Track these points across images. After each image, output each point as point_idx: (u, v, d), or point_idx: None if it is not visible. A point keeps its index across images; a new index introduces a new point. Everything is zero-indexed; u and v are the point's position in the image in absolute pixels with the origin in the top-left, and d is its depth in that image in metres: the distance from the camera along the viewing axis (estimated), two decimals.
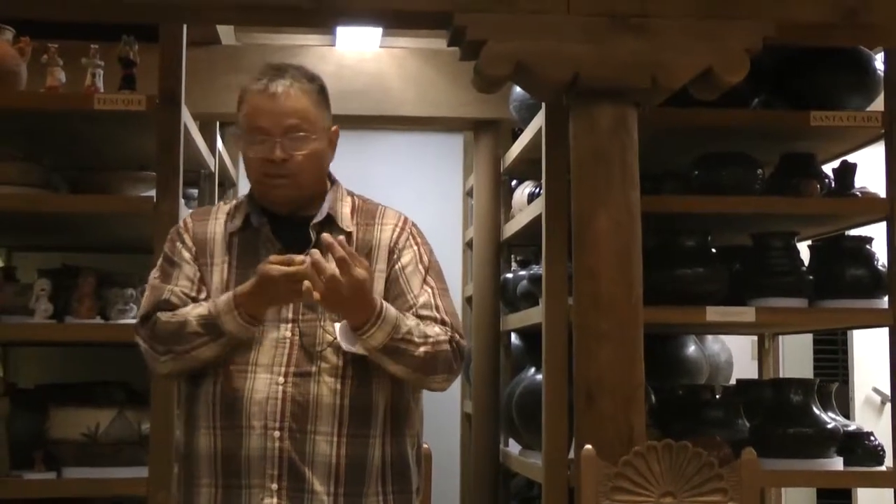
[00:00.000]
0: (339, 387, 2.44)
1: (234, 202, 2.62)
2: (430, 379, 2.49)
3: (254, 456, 2.39)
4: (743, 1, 2.93)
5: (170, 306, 2.48)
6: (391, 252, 2.55)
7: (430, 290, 2.54)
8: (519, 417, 4.01)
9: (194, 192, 4.30)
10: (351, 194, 2.62)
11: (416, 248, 2.57)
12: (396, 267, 2.53)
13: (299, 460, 2.39)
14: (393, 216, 2.61)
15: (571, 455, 3.23)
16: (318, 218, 2.53)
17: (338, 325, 2.43)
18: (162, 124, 3.39)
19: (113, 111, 3.34)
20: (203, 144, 4.03)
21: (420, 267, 2.55)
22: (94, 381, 3.88)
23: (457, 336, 2.51)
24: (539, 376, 3.74)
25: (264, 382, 2.42)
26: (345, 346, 2.42)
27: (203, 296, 2.51)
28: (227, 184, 4.90)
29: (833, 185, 3.83)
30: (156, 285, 2.54)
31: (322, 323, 2.46)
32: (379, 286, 2.50)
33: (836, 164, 3.87)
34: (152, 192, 3.44)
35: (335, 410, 2.43)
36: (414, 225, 2.63)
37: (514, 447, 4.39)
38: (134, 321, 3.16)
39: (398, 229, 2.58)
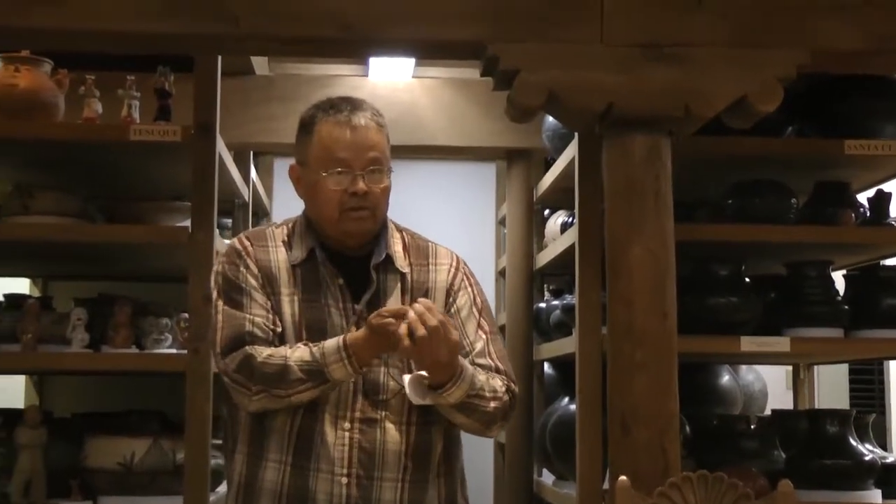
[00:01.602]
0: (404, 433, 2.45)
1: (286, 230, 2.59)
2: (490, 430, 2.51)
3: (321, 499, 2.40)
4: (777, 29, 2.92)
5: (255, 339, 2.44)
6: (448, 294, 2.55)
7: (484, 337, 2.55)
8: (553, 447, 3.99)
9: (228, 221, 4.32)
10: (400, 230, 2.62)
11: (469, 289, 2.58)
12: (452, 310, 2.54)
13: None
14: (446, 255, 2.62)
15: (606, 485, 3.21)
16: (379, 258, 2.53)
17: (406, 378, 2.43)
18: (197, 154, 3.41)
19: (148, 142, 3.37)
20: (237, 174, 4.05)
21: (475, 310, 2.57)
22: (130, 410, 3.90)
23: (512, 385, 2.53)
24: (572, 406, 3.72)
25: (331, 427, 2.42)
26: (415, 400, 2.41)
27: (279, 329, 2.46)
28: (260, 213, 4.93)
29: (868, 214, 3.80)
30: (231, 314, 2.47)
31: (387, 369, 2.46)
32: None
33: (871, 192, 3.85)
34: (187, 222, 3.47)
35: (400, 457, 2.44)
36: (465, 264, 2.64)
37: (547, 477, 4.37)
38: (170, 350, 3.19)
39: (452, 270, 2.59)
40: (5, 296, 3.78)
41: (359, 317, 2.48)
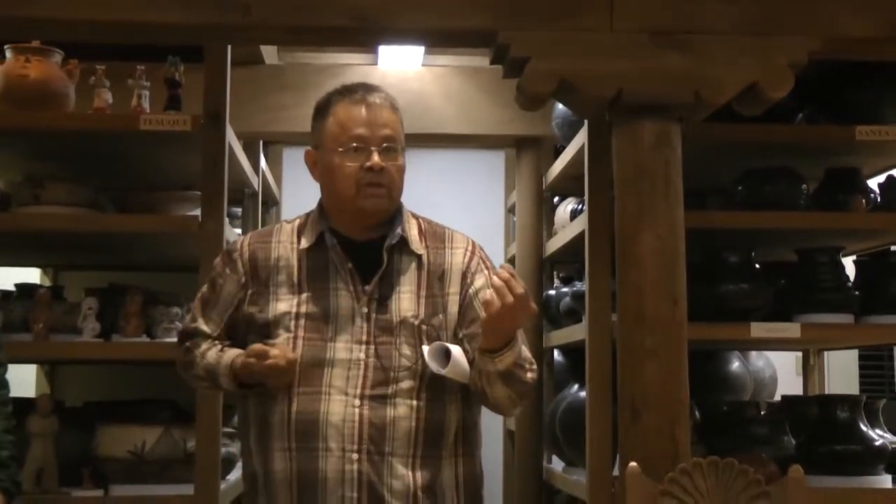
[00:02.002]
0: (414, 409, 2.46)
1: (297, 223, 2.63)
2: (519, 405, 2.56)
3: (332, 478, 2.40)
4: (787, 16, 2.91)
5: (198, 334, 2.61)
6: (464, 276, 2.57)
7: None
8: (562, 434, 4.00)
9: (238, 210, 4.33)
10: (414, 216, 2.64)
11: (486, 272, 2.60)
12: (470, 291, 2.56)
13: (378, 482, 2.41)
14: (461, 240, 2.64)
15: (615, 472, 3.22)
16: (393, 240, 2.55)
17: (426, 348, 2.45)
18: (207, 144, 3.41)
19: (158, 131, 3.37)
20: (247, 163, 4.05)
21: None
22: (141, 399, 3.91)
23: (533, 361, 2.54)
24: (582, 393, 3.73)
25: (340, 405, 2.43)
26: (434, 368, 2.43)
27: (225, 340, 2.61)
28: (270, 202, 4.93)
29: (879, 199, 3.80)
30: (196, 306, 2.66)
31: (397, 346, 2.47)
32: (453, 308, 2.54)
33: (881, 178, 3.84)
34: (197, 212, 3.47)
35: (411, 433, 2.45)
36: (481, 248, 2.66)
37: (557, 464, 4.37)
38: None
39: (468, 253, 2.61)
40: (17, 285, 3.79)
41: (369, 297, 2.50)
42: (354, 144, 2.49)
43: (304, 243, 2.56)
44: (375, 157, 2.49)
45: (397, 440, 2.44)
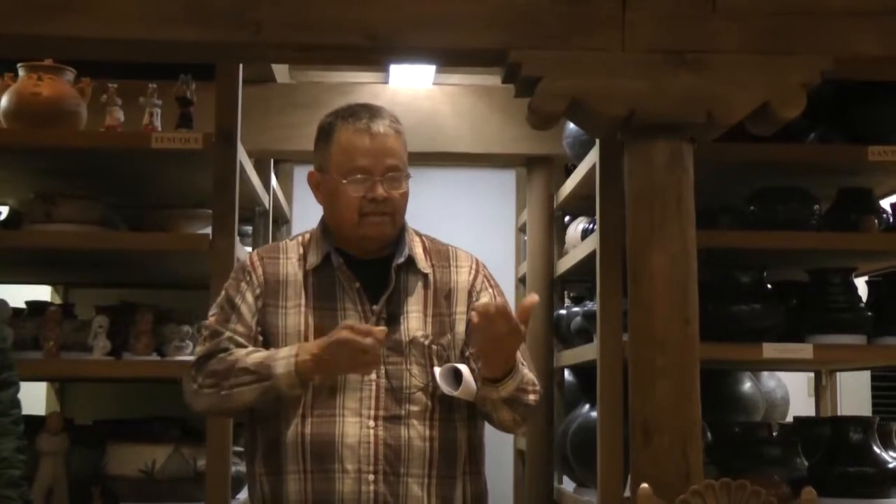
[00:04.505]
0: (428, 429, 2.47)
1: (300, 239, 2.63)
2: (523, 425, 2.57)
3: (348, 499, 2.40)
4: (800, 35, 2.91)
5: (230, 345, 2.50)
6: (469, 295, 2.57)
7: None
8: (573, 454, 3.98)
9: (249, 229, 4.33)
10: (417, 233, 2.64)
11: (490, 290, 2.61)
12: None
13: (393, 503, 2.40)
14: (466, 258, 2.64)
15: (627, 493, 3.20)
16: (401, 259, 2.54)
17: (437, 370, 2.46)
18: (218, 162, 3.42)
19: (170, 149, 3.38)
20: (258, 182, 4.06)
21: None
22: (151, 417, 3.91)
23: (537, 380, 2.54)
24: (593, 413, 3.72)
25: (354, 426, 2.43)
26: (446, 390, 2.44)
27: (260, 343, 2.51)
28: (280, 220, 4.93)
29: (891, 220, 3.78)
30: (214, 329, 2.53)
31: (408, 366, 2.47)
32: (460, 327, 2.54)
33: (894, 198, 3.83)
34: (208, 230, 3.47)
35: (425, 453, 2.45)
36: (484, 266, 2.66)
37: (568, 484, 4.36)
38: (192, 358, 3.18)
39: (473, 271, 2.62)
40: (27, 303, 3.79)
41: (377, 317, 2.50)
42: (359, 175, 2.49)
43: (311, 262, 2.55)
44: (380, 190, 2.48)
45: (412, 461, 2.44)
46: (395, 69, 4.63)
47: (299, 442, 2.44)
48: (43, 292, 4.65)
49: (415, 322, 2.52)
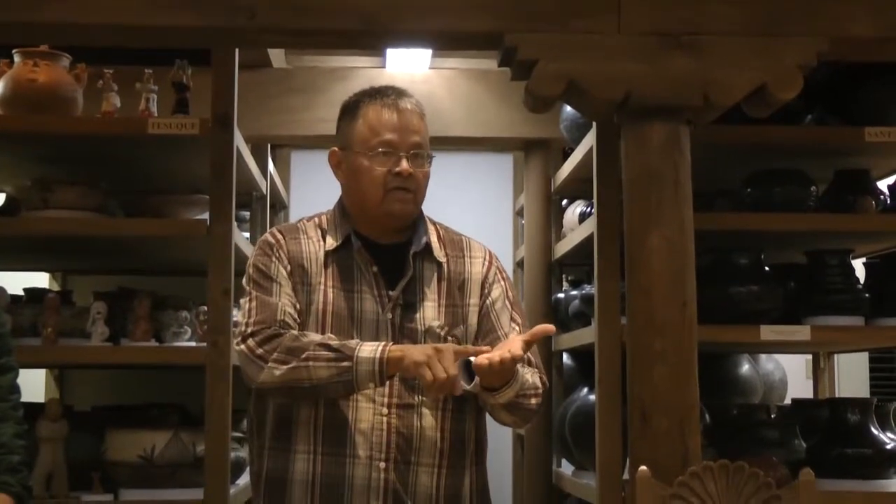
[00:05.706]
0: (439, 419, 2.48)
1: (317, 221, 2.61)
2: (525, 425, 2.57)
3: (357, 485, 2.40)
4: (796, 17, 2.90)
5: (285, 326, 2.43)
6: (482, 286, 2.57)
7: (517, 329, 2.57)
8: (572, 438, 3.99)
9: (246, 214, 4.33)
10: (433, 222, 2.64)
11: (502, 283, 2.61)
12: (487, 302, 2.56)
13: (403, 491, 2.42)
14: (479, 249, 2.65)
15: (625, 475, 3.21)
16: (419, 246, 2.54)
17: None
18: (215, 148, 3.41)
19: (166, 135, 3.37)
20: (255, 167, 4.05)
21: (507, 303, 2.60)
22: (150, 403, 3.91)
23: (543, 377, 2.55)
24: (592, 396, 3.72)
25: (368, 412, 2.43)
26: (461, 384, 2.42)
27: (299, 320, 2.47)
28: (278, 206, 4.93)
29: (888, 201, 3.78)
30: (264, 301, 2.46)
31: None
32: (472, 319, 2.55)
33: (891, 180, 3.83)
34: (206, 216, 3.47)
35: (436, 442, 2.46)
36: (497, 258, 2.67)
37: (567, 468, 4.37)
38: (190, 343, 3.19)
39: (487, 263, 2.63)
40: (25, 290, 3.79)
41: (394, 303, 2.49)
42: (384, 149, 2.49)
43: (331, 243, 2.54)
44: (405, 164, 2.49)
45: (424, 450, 2.45)
46: (391, 53, 4.61)
47: (313, 422, 2.45)
48: (41, 279, 4.65)
49: (430, 311, 2.52)
